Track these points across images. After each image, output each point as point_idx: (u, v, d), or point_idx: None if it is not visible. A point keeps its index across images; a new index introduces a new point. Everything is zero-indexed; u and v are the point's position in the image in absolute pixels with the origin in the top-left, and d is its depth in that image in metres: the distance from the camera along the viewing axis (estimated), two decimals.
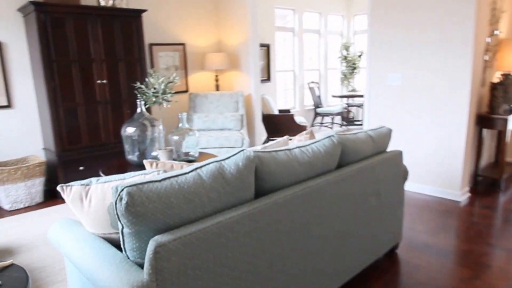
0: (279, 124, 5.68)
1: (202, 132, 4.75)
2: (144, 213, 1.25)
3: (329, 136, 2.01)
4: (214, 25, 5.62)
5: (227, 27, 5.47)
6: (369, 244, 2.23)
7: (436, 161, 3.68)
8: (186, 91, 5.50)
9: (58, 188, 1.60)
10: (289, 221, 1.67)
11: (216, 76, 5.43)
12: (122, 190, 1.25)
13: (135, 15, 4.18)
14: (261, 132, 5.44)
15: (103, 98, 4.07)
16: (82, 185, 1.62)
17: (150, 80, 2.82)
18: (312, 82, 7.27)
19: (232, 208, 1.51)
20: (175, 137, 3.01)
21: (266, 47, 6.38)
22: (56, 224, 1.76)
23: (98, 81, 3.99)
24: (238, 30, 5.30)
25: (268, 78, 6.52)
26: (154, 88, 2.85)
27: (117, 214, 1.25)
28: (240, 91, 5.13)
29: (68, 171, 3.90)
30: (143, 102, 2.98)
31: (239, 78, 5.50)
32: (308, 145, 1.92)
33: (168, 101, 2.89)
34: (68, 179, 3.86)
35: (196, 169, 1.48)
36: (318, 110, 7.15)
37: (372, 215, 2.20)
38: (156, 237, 1.25)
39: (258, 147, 2.15)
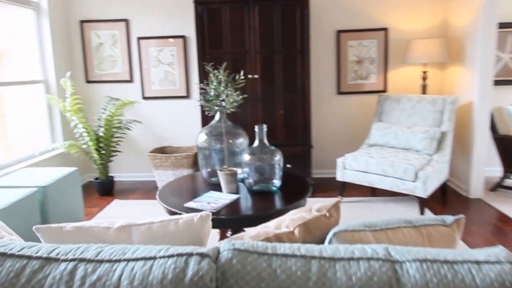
0: None
1: (376, 149, 3.51)
2: None
3: (191, 254, 0.75)
4: None
5: (458, 0, 3.74)
6: None
7: None
8: (383, 91, 4.26)
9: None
10: None
11: (424, 73, 3.86)
12: None
13: None
14: (485, 161, 3.49)
15: (254, 94, 3.66)
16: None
17: (211, 78, 2.14)
18: None
19: None
20: (246, 157, 2.24)
21: None
22: None
23: (249, 76, 3.60)
24: (471, 3, 3.50)
25: None
26: (213, 89, 2.16)
27: None
28: (451, 96, 3.43)
29: None
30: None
31: (461, 76, 3.70)
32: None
33: (223, 108, 2.13)
34: None
35: None
36: None
37: None
38: None
39: None
